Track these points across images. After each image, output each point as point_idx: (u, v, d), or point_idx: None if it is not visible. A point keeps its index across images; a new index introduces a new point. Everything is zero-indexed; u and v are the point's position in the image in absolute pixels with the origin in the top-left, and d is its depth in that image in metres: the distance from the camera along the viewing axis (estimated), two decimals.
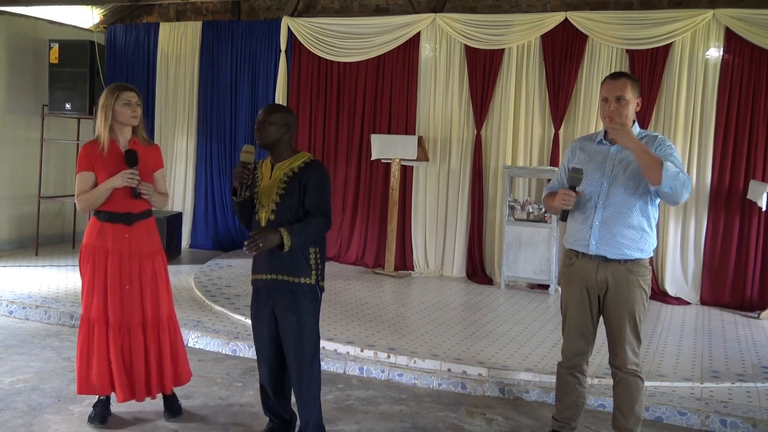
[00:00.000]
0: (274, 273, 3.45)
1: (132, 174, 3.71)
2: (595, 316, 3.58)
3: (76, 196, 3.80)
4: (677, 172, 3.24)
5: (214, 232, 9.02)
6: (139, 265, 3.80)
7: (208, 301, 6.30)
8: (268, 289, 3.48)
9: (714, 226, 6.95)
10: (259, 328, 3.58)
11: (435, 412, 4.26)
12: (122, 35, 9.30)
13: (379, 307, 6.34)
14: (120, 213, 3.76)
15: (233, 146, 8.88)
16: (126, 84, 3.88)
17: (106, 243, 3.75)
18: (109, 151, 3.75)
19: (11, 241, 8.58)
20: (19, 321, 5.89)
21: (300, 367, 3.46)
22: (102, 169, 3.73)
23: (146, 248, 3.84)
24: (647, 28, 6.95)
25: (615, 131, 3.31)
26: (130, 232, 3.78)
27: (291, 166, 3.47)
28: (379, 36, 8.00)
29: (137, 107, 3.79)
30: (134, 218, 3.80)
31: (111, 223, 3.76)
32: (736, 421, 4.11)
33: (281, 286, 3.44)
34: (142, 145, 3.86)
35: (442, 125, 7.90)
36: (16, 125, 8.56)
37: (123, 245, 3.76)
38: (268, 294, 3.50)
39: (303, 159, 3.49)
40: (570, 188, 3.47)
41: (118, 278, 3.75)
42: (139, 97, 3.82)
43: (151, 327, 3.84)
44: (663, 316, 6.46)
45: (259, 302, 3.56)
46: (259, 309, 3.56)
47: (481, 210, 7.80)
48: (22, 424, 3.81)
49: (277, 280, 3.45)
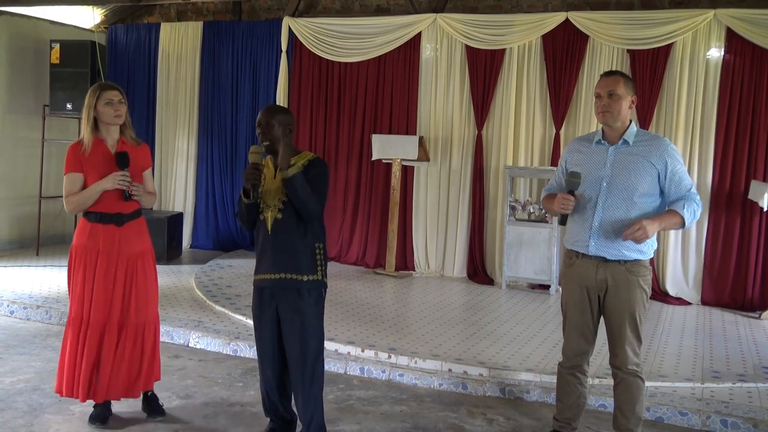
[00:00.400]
0: (280, 272, 3.44)
1: (123, 176, 3.68)
2: (596, 316, 3.57)
3: (64, 197, 3.76)
4: (694, 211, 3.38)
5: (215, 232, 9.03)
6: (129, 265, 3.77)
7: (209, 301, 6.30)
8: (273, 289, 3.47)
9: (715, 227, 6.95)
10: (263, 328, 3.56)
11: (436, 413, 4.26)
12: (123, 35, 9.31)
13: (380, 308, 6.34)
14: (111, 214, 3.73)
15: (234, 146, 8.88)
16: (109, 83, 3.87)
17: (97, 244, 3.72)
18: (97, 151, 3.71)
19: (12, 242, 8.59)
20: (20, 321, 5.89)
21: (303, 366, 3.46)
22: (91, 170, 3.70)
23: (136, 248, 3.81)
24: (648, 28, 6.95)
25: (643, 237, 3.29)
26: (121, 232, 3.75)
27: (295, 165, 3.46)
28: (380, 36, 8.00)
29: (120, 105, 3.74)
30: (125, 218, 3.77)
31: (102, 224, 3.73)
32: (737, 421, 4.11)
33: (287, 284, 3.44)
34: (130, 144, 3.83)
35: (443, 125, 7.90)
36: (17, 125, 8.57)
37: (113, 246, 3.73)
38: (272, 294, 3.49)
39: (307, 158, 3.51)
40: (568, 192, 3.47)
41: (104, 279, 3.71)
42: (122, 95, 3.78)
43: (135, 328, 3.79)
44: (664, 316, 6.46)
45: (262, 302, 3.55)
46: (263, 309, 3.54)
47: (482, 210, 7.80)
48: (23, 424, 3.81)
49: (283, 279, 3.44)
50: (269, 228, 3.46)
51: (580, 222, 3.52)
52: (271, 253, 3.44)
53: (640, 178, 3.40)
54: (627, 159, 3.44)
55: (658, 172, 3.41)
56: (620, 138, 3.48)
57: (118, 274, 3.74)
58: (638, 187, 3.41)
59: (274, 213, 3.44)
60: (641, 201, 3.42)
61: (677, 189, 3.41)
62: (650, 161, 3.41)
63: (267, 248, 3.47)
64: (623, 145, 3.48)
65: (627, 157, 3.44)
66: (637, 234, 3.28)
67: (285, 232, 3.42)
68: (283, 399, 3.67)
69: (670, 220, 3.38)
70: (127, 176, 3.69)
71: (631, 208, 3.41)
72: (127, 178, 3.69)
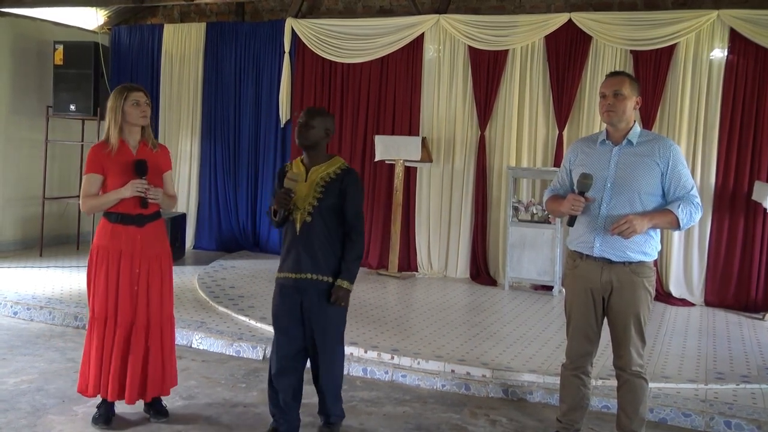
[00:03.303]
0: (305, 272, 3.54)
1: (141, 184, 3.72)
2: (600, 318, 3.57)
3: (81, 197, 3.81)
4: (690, 213, 3.35)
5: (217, 233, 9.04)
6: (149, 266, 3.82)
7: (212, 302, 6.30)
8: (297, 288, 3.57)
9: (718, 228, 6.93)
10: (287, 327, 3.63)
11: (439, 413, 4.26)
12: (126, 36, 9.33)
13: (383, 308, 6.34)
14: (132, 215, 3.77)
15: (237, 147, 8.89)
16: (134, 84, 3.90)
17: (119, 244, 3.76)
18: (120, 153, 3.75)
19: (16, 242, 8.60)
20: (23, 322, 5.90)
21: (326, 346, 3.60)
22: (113, 173, 3.74)
23: (156, 249, 3.86)
24: (651, 28, 6.94)
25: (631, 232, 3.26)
26: (141, 233, 3.80)
27: (327, 171, 3.59)
28: (383, 37, 8.00)
29: (146, 107, 3.79)
30: (145, 220, 3.81)
31: (123, 225, 3.77)
32: (740, 422, 4.10)
33: (311, 285, 3.54)
34: (150, 147, 3.86)
35: (446, 126, 7.90)
36: (20, 126, 8.58)
37: (135, 246, 3.78)
38: (296, 293, 3.58)
39: (338, 165, 3.62)
40: (579, 194, 3.46)
41: (129, 279, 3.77)
42: (147, 96, 3.82)
43: (153, 328, 3.85)
44: (667, 317, 6.45)
45: (284, 300, 3.63)
46: (286, 307, 3.62)
47: (485, 211, 7.80)
48: (27, 424, 3.82)
49: (308, 280, 3.54)
50: (297, 230, 3.55)
51: (585, 223, 3.51)
52: (298, 254, 3.54)
53: (645, 177, 3.40)
54: (631, 159, 3.44)
55: (662, 171, 3.41)
56: (624, 138, 3.48)
57: (141, 275, 3.80)
58: (642, 186, 3.40)
59: (304, 216, 3.54)
60: (646, 201, 3.41)
61: (678, 189, 3.40)
62: (654, 160, 3.40)
63: (294, 248, 3.56)
64: (627, 146, 3.47)
65: (631, 158, 3.44)
66: (623, 227, 3.26)
67: (313, 235, 3.53)
68: (297, 397, 3.73)
69: (663, 219, 3.35)
70: (144, 183, 3.72)
71: (636, 208, 3.40)
72: (145, 185, 3.72)
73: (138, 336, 3.80)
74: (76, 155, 8.86)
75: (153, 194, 3.75)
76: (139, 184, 3.71)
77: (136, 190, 3.71)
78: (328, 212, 3.53)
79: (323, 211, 3.52)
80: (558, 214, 3.69)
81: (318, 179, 3.56)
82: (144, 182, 3.73)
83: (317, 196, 3.52)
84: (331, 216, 3.54)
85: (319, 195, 3.53)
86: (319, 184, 3.55)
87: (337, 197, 3.54)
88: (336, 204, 3.54)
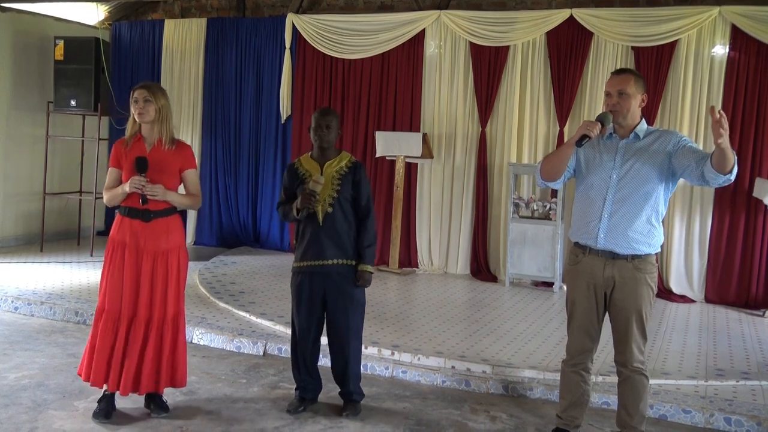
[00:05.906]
0: (331, 259, 3.91)
1: (138, 180, 3.75)
2: (601, 314, 3.57)
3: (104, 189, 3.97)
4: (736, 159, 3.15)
5: (218, 229, 9.04)
6: (153, 261, 3.83)
7: (213, 297, 6.31)
8: (323, 274, 3.92)
9: (719, 224, 6.93)
10: (309, 310, 3.96)
11: (439, 410, 4.26)
12: (127, 32, 9.32)
13: (384, 305, 6.34)
14: (138, 209, 3.81)
15: (238, 143, 8.89)
16: (144, 82, 3.97)
17: (124, 237, 3.83)
18: (134, 149, 3.84)
19: (17, 238, 8.60)
20: (24, 317, 5.90)
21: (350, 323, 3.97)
22: (126, 168, 3.85)
23: (163, 245, 3.86)
24: (653, 25, 6.93)
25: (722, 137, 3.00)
26: (147, 228, 3.82)
27: (340, 165, 3.98)
28: (384, 33, 7.99)
29: (146, 104, 3.79)
30: (152, 215, 3.83)
31: (129, 218, 3.83)
32: (740, 419, 4.10)
33: (337, 270, 3.92)
34: (165, 145, 3.86)
35: (447, 122, 7.89)
36: (21, 122, 8.58)
37: (139, 240, 3.81)
38: (322, 279, 3.92)
39: (347, 158, 4.03)
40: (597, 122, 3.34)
41: (132, 273, 3.80)
42: (149, 93, 3.80)
43: (155, 324, 3.85)
44: (668, 313, 6.45)
45: (312, 287, 3.95)
46: (311, 293, 3.95)
47: (486, 207, 7.80)
48: (27, 419, 3.82)
49: (334, 266, 3.92)
50: (320, 220, 3.90)
51: (590, 213, 3.51)
52: (322, 243, 3.89)
53: (651, 169, 3.39)
54: (637, 152, 3.43)
55: (669, 152, 3.36)
56: (631, 132, 3.47)
57: (144, 269, 3.82)
58: (649, 179, 3.40)
59: (325, 207, 3.90)
60: (652, 193, 3.41)
61: (696, 153, 3.29)
62: (660, 148, 3.39)
63: (316, 238, 3.90)
64: (634, 139, 3.47)
65: (637, 150, 3.43)
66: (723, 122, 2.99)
67: (336, 224, 3.91)
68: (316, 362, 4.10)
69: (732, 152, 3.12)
70: (142, 180, 3.75)
71: (641, 200, 3.40)
72: (142, 182, 3.75)
73: (137, 331, 3.80)
74: (76, 151, 8.84)
75: (150, 191, 3.77)
76: (136, 181, 3.75)
77: (133, 186, 3.76)
78: (346, 202, 3.93)
79: (342, 201, 3.91)
80: (554, 162, 3.52)
81: (334, 173, 3.93)
82: (142, 179, 3.75)
83: (336, 188, 3.91)
84: (348, 205, 3.94)
85: (338, 187, 3.91)
86: (335, 177, 3.93)
87: (352, 188, 3.95)
88: (351, 194, 3.95)
